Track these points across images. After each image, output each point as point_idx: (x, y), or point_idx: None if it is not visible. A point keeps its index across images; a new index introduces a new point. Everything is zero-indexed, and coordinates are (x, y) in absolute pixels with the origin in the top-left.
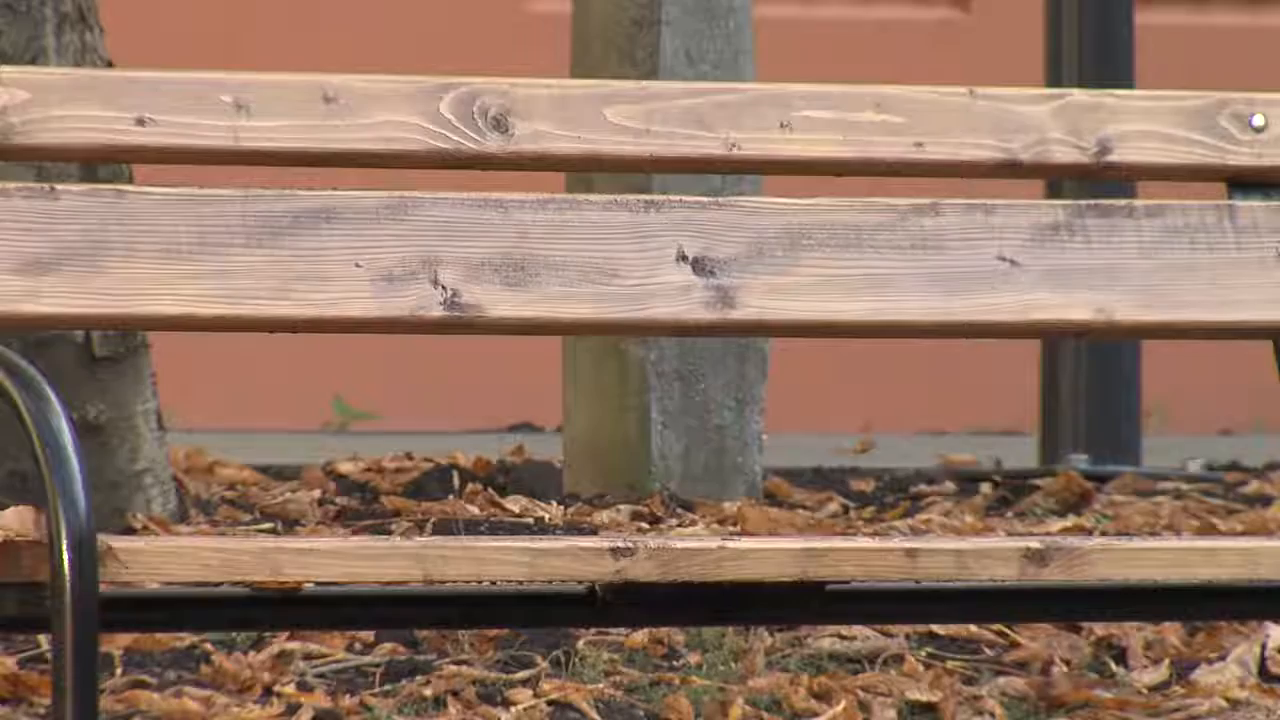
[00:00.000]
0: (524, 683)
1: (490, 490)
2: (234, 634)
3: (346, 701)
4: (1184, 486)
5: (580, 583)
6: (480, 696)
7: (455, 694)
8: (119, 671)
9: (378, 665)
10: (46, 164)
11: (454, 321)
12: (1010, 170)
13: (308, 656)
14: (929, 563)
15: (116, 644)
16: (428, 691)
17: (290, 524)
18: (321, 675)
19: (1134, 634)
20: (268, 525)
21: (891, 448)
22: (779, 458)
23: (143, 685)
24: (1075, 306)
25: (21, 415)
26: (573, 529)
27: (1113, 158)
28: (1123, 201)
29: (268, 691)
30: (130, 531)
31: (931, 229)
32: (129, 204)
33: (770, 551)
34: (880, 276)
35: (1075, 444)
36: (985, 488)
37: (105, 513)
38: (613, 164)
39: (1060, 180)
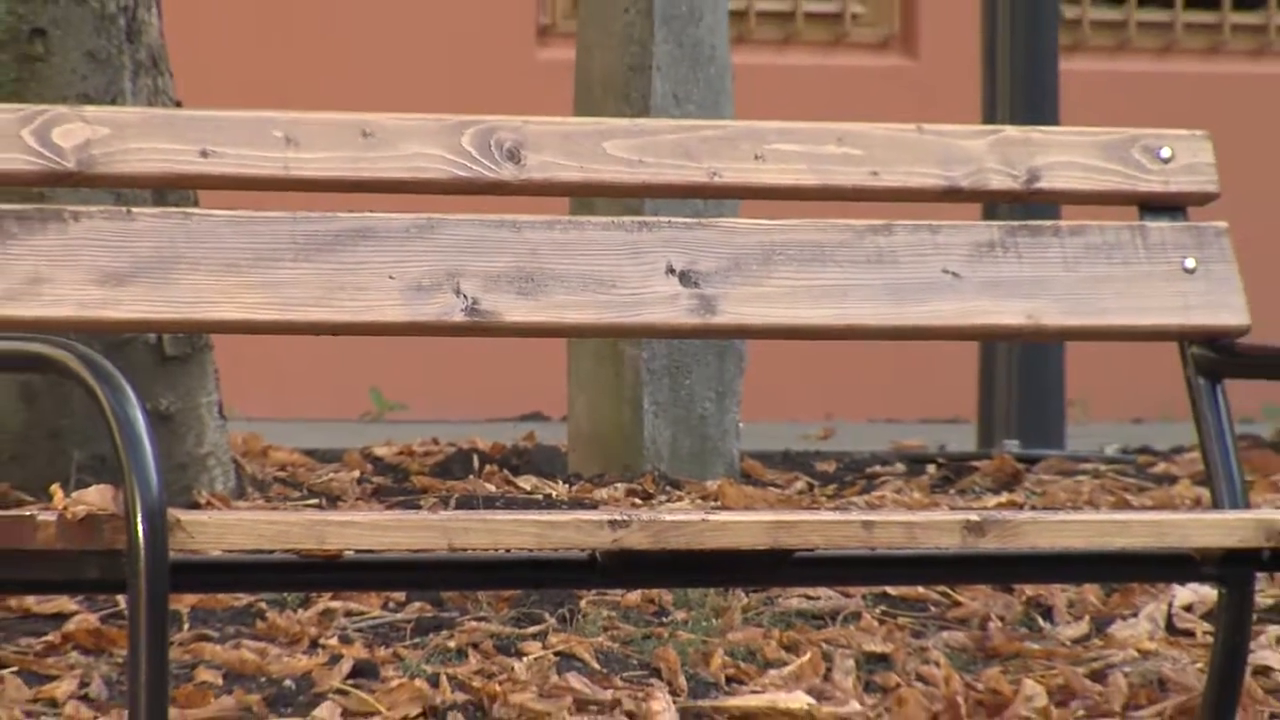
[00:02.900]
0: (534, 636)
1: (505, 471)
2: (285, 594)
3: (381, 653)
4: (1102, 468)
5: (582, 550)
6: (497, 648)
7: (475, 646)
8: (186, 627)
9: (408, 621)
10: (124, 190)
11: (473, 326)
12: (952, 195)
13: (348, 614)
14: (882, 533)
15: (184, 603)
16: (451, 644)
17: (333, 500)
18: (360, 630)
19: (1059, 594)
20: (314, 501)
21: (850, 434)
22: (753, 443)
23: (206, 638)
24: (1008, 313)
25: (102, 406)
26: (576, 504)
27: (1040, 185)
28: (1049, 222)
29: (314, 644)
30: (196, 506)
31: (885, 246)
32: (194, 224)
33: (746, 524)
34: (841, 287)
35: (1008, 431)
36: (931, 469)
37: (174, 490)
38: (611, 190)
39: (995, 204)
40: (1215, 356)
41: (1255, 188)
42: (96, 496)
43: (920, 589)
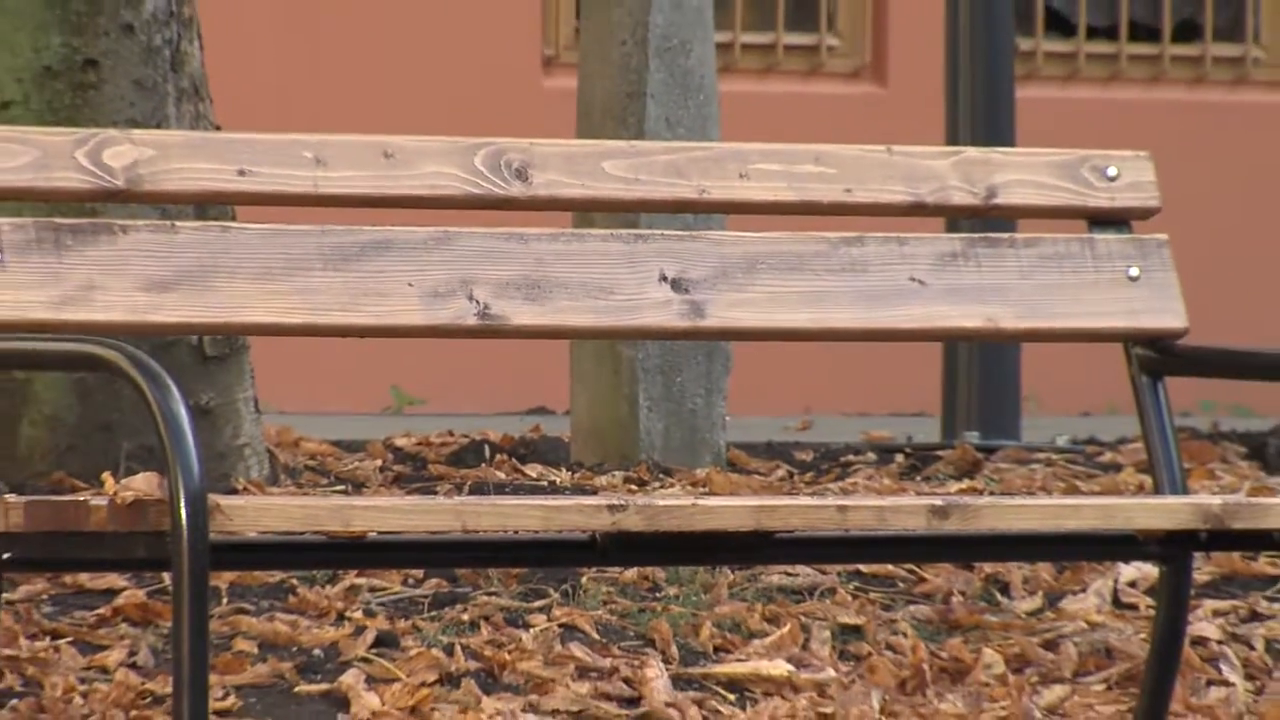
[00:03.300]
0: (540, 610)
1: (513, 460)
2: (314, 572)
3: (401, 625)
4: (1053, 457)
5: (584, 532)
6: (506, 620)
7: (486, 618)
8: (225, 601)
9: (426, 596)
10: (168, 205)
11: (485, 329)
12: (918, 210)
13: (371, 589)
14: (855, 516)
15: (222, 580)
16: (465, 616)
17: (358, 486)
18: (382, 604)
19: (1015, 572)
20: (340, 487)
21: (826, 427)
22: (738, 434)
23: (243, 612)
24: (969, 317)
25: (149, 401)
26: (578, 490)
27: (998, 201)
28: (1006, 235)
29: (340, 617)
30: (233, 492)
31: (857, 256)
32: (232, 237)
33: (732, 508)
34: (817, 293)
35: (969, 424)
36: (899, 458)
37: (214, 478)
38: (609, 205)
39: (957, 218)
40: (1157, 356)
41: (1193, 203)
42: (144, 483)
43: (889, 567)
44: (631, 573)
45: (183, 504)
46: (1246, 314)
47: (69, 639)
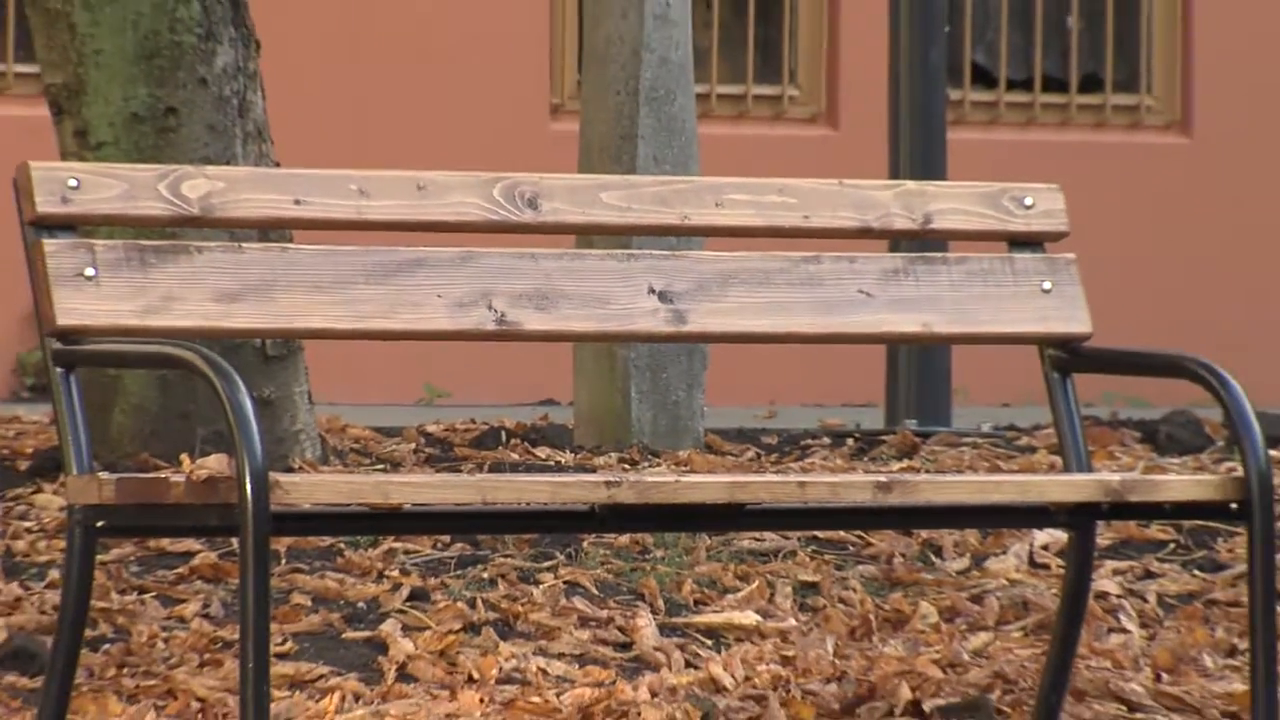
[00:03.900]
0: (548, 569)
1: (525, 443)
2: (358, 537)
3: (432, 582)
4: (979, 441)
5: (584, 504)
6: (519, 578)
7: (503, 576)
8: (283, 562)
9: (452, 558)
10: (236, 229)
11: (502, 333)
12: (866, 234)
13: (406, 552)
14: (813, 491)
15: (281, 544)
16: (485, 575)
17: (395, 465)
18: (415, 564)
19: (946, 537)
20: (380, 466)
21: (788, 415)
22: (714, 422)
23: (299, 571)
24: (908, 323)
25: (219, 394)
26: (580, 469)
27: (933, 225)
28: (939, 254)
29: (380, 575)
30: (291, 471)
31: (814, 272)
32: (289, 256)
33: (709, 484)
34: (781, 304)
35: (908, 413)
36: (850, 442)
37: (274, 458)
38: (606, 229)
39: (898, 240)
40: (1065, 356)
41: (1097, 227)
42: (215, 463)
43: (841, 533)
44: (625, 538)
45: (248, 481)
46: (1144, 321)
47: (152, 594)
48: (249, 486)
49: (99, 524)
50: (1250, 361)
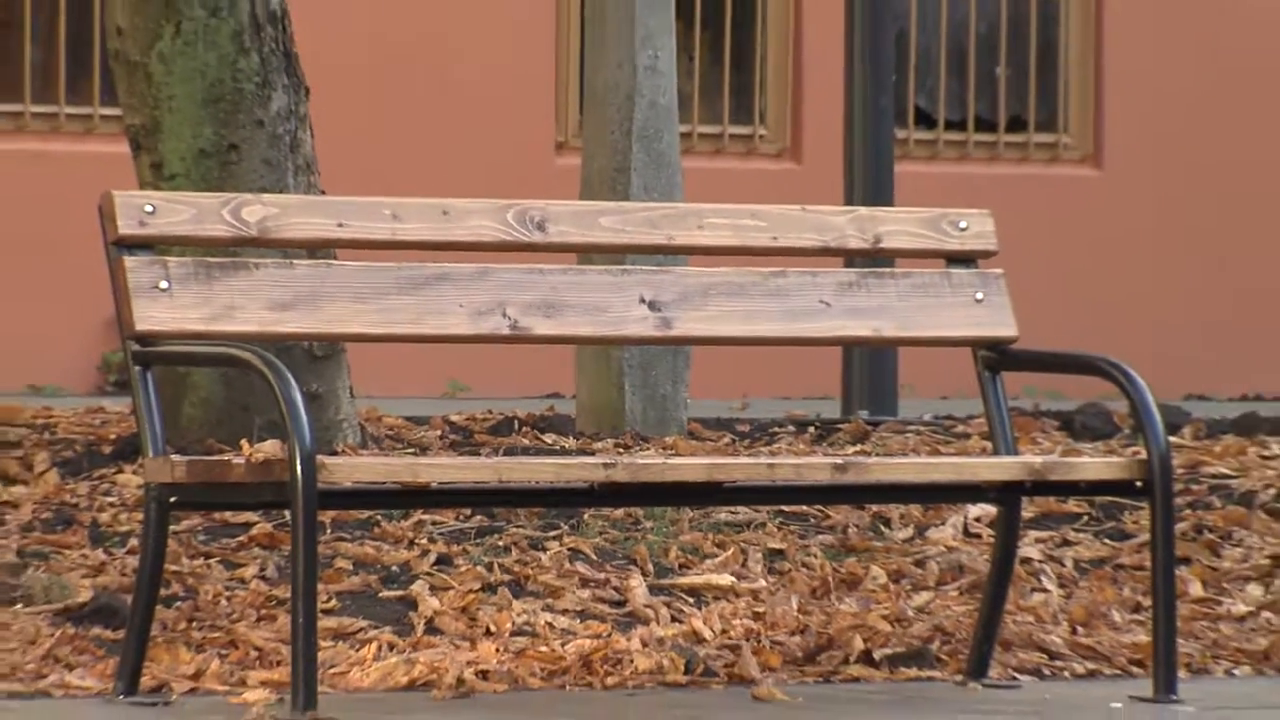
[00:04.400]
0: (554, 538)
1: (535, 430)
2: (391, 510)
3: (454, 549)
4: (921, 428)
5: (585, 482)
6: (529, 546)
7: (515, 544)
8: (328, 532)
9: (472, 528)
10: (287, 248)
11: (515, 337)
12: (825, 252)
13: (433, 523)
14: (780, 471)
15: (327, 516)
16: (500, 543)
17: (423, 449)
18: (440, 534)
19: (894, 510)
20: (411, 450)
21: (759, 407)
22: (695, 412)
23: (342, 539)
24: (861, 328)
25: (274, 389)
26: (581, 452)
27: (882, 245)
28: (888, 270)
29: (410, 543)
30: (334, 454)
31: (781, 285)
32: (333, 271)
33: (692, 465)
34: (752, 312)
35: (861, 404)
36: (811, 429)
37: (321, 443)
38: (603, 248)
39: (853, 258)
40: (995, 357)
41: (1022, 247)
42: (270, 448)
43: (804, 507)
44: (619, 511)
45: (298, 463)
46: (1062, 326)
47: (216, 559)
48: (299, 468)
49: (171, 499)
50: (1151, 360)
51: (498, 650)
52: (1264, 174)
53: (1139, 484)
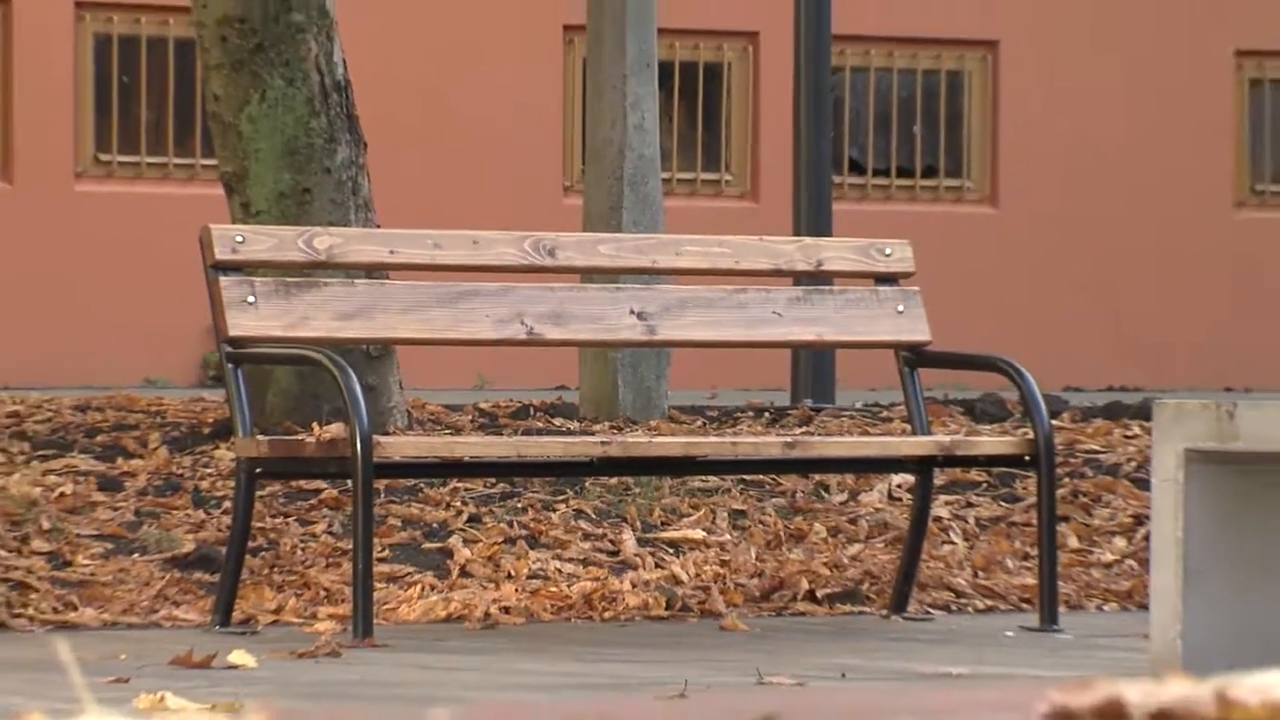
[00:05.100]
0: (562, 501)
1: (547, 415)
2: (432, 479)
3: (483, 509)
4: (854, 414)
5: (587, 457)
6: (542, 507)
7: (530, 506)
8: (382, 496)
9: (496, 493)
10: (349, 270)
11: (531, 341)
12: (778, 274)
13: (465, 489)
14: (742, 448)
15: (380, 484)
16: (519, 505)
17: (457, 430)
18: (471, 498)
19: (833, 479)
20: (448, 431)
21: (725, 397)
22: (674, 401)
23: (392, 502)
24: (807, 334)
25: (338, 382)
26: (583, 433)
27: (823, 268)
28: (828, 287)
29: (447, 505)
30: (387, 434)
31: (743, 299)
32: (386, 289)
33: (671, 442)
34: (720, 321)
35: (806, 394)
36: (766, 414)
37: (376, 426)
38: (602, 270)
39: (800, 278)
40: (913, 356)
41: (935, 268)
42: (336, 429)
43: (761, 476)
44: (613, 480)
45: (358, 441)
46: (967, 332)
47: (293, 517)
48: (358, 445)
49: (257, 470)
50: (1037, 358)
51: (517, 590)
52: (1127, 213)
53: (1027, 458)
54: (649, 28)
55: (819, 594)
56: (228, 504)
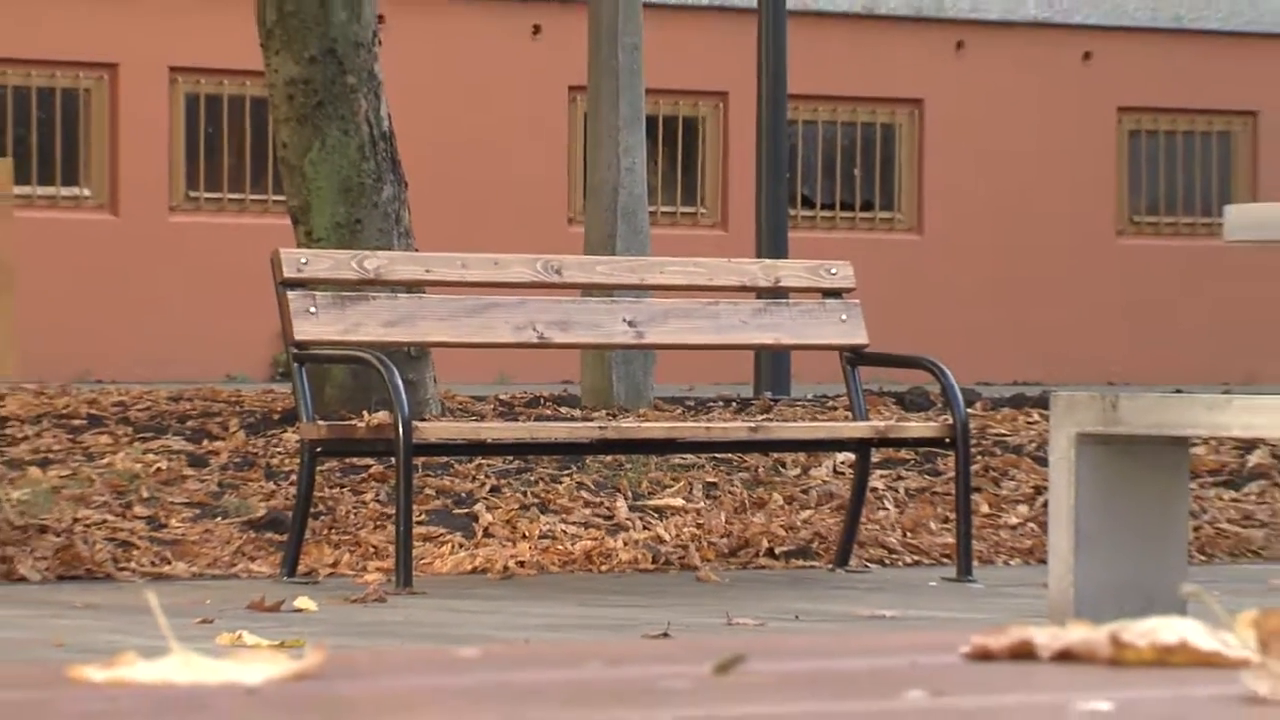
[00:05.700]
0: (567, 474)
1: (555, 405)
2: (461, 457)
3: (502, 482)
4: (807, 403)
5: (587, 439)
6: (551, 480)
7: (541, 479)
8: (420, 471)
9: (513, 468)
10: (394, 286)
11: (541, 344)
12: (744, 289)
13: (488, 465)
14: (714, 431)
15: (419, 461)
16: (531, 478)
17: (481, 418)
18: (493, 472)
19: (789, 457)
20: (474, 418)
21: (701, 390)
22: (659, 393)
23: (429, 475)
24: (767, 339)
25: (384, 378)
26: (585, 419)
27: (781, 284)
28: (785, 300)
29: (473, 478)
30: (424, 420)
31: (715, 310)
32: (423, 301)
33: (656, 427)
34: (697, 328)
35: (766, 387)
36: (734, 404)
37: (415, 414)
38: (600, 286)
39: (762, 294)
40: (853, 357)
41: (873, 285)
42: (382, 416)
43: (730, 455)
44: (609, 457)
45: (400, 426)
46: (898, 337)
47: (347, 488)
48: (401, 430)
49: (318, 450)
50: (955, 358)
51: (530, 548)
52: (1030, 239)
53: (947, 440)
54: (638, 88)
55: (777, 551)
56: (293, 477)
